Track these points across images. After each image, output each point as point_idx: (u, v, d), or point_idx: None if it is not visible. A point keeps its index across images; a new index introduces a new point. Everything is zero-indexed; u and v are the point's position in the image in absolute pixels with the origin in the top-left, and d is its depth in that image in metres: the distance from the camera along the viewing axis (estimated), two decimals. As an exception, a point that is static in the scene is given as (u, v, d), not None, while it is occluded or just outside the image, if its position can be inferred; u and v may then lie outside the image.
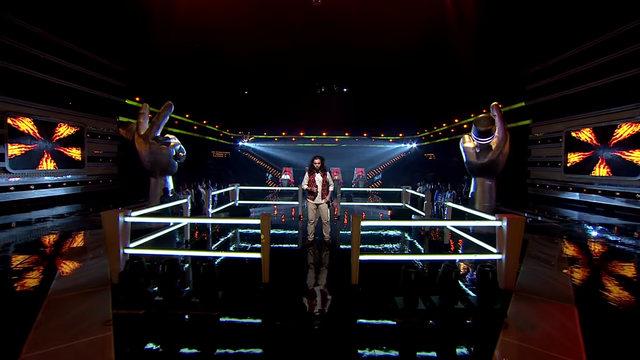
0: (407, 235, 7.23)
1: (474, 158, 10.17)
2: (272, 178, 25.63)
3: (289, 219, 9.28)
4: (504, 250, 4.00)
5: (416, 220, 7.33)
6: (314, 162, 6.08)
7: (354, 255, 4.12)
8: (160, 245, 5.84)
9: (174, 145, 11.06)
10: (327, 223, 6.21)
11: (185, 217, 6.21)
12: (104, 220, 3.93)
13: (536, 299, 3.77)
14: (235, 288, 4.08)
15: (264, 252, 4.14)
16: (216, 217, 6.73)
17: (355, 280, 4.14)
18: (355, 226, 4.12)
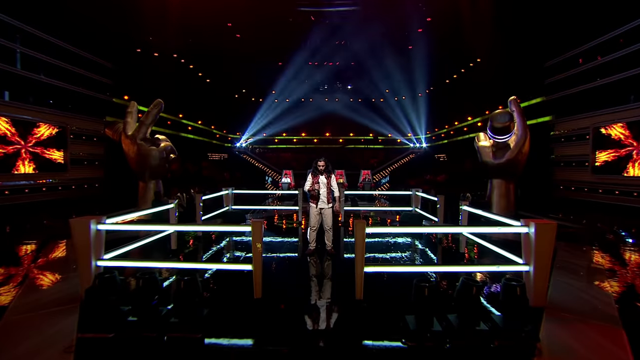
0: (417, 243, 6.93)
1: (490, 158, 9.87)
2: (271, 182, 25.37)
3: (288, 225, 9.03)
4: (532, 260, 3.69)
5: (428, 226, 7.01)
6: (318, 164, 5.87)
7: (359, 266, 3.83)
8: (143, 256, 5.60)
9: (165, 147, 10.95)
10: (330, 230, 5.97)
11: (168, 224, 5.95)
12: (73, 229, 3.68)
13: (572, 318, 3.45)
14: (223, 305, 3.80)
15: (256, 263, 3.87)
16: (202, 224, 6.45)
17: (360, 295, 3.85)
18: (359, 233, 3.83)
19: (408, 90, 25.80)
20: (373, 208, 12.10)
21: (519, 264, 3.91)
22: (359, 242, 3.83)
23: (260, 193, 16.88)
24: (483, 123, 20.43)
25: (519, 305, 3.13)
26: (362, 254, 3.83)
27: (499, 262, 4.10)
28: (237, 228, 4.19)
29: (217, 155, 27.00)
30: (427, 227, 5.61)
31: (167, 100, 9.34)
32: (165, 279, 4.46)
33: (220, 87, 25.31)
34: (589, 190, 12.21)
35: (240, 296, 4.00)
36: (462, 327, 3.10)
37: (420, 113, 27.52)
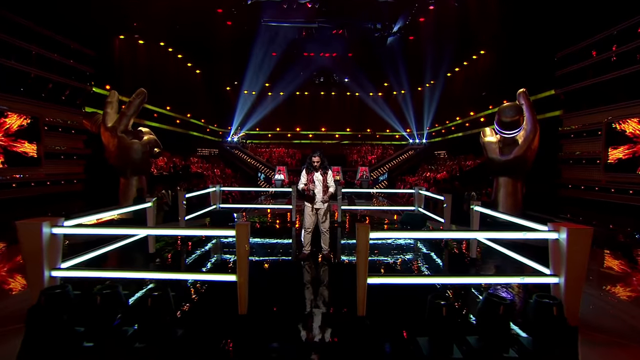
0: (421, 246, 6.51)
1: (497, 154, 9.51)
2: (264, 178, 24.82)
3: (281, 225, 8.55)
4: (563, 271, 3.25)
5: (441, 231, 6.48)
6: (313, 160, 5.40)
7: (361, 277, 3.37)
8: (115, 264, 5.10)
9: (148, 140, 10.39)
10: (327, 232, 5.52)
11: (142, 226, 5.40)
12: (20, 233, 3.17)
13: (611, 341, 3.02)
14: (202, 324, 3.33)
15: (241, 274, 3.39)
16: (179, 228, 5.91)
17: (363, 311, 3.39)
18: (362, 239, 3.37)
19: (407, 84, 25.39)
20: (373, 207, 11.67)
21: (545, 274, 3.48)
22: (361, 249, 3.37)
23: (251, 190, 16.40)
24: (486, 119, 20.08)
25: (555, 327, 2.69)
26: (365, 263, 3.37)
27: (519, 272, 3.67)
28: (218, 232, 3.70)
29: (207, 150, 26.46)
30: (440, 232, 5.14)
31: (154, 91, 8.87)
32: (133, 293, 3.95)
33: (211, 79, 24.80)
34: (599, 190, 11.89)
35: (222, 312, 3.53)
36: (486, 354, 2.66)
37: (420, 108, 27.18)
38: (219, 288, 4.08)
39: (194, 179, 17.74)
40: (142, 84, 9.62)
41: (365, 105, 29.31)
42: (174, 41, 19.16)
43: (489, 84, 18.91)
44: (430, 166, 24.07)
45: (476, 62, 20.06)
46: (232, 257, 5.56)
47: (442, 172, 21.07)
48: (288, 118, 30.12)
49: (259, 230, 8.17)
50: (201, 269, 4.94)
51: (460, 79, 22.33)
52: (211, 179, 20.86)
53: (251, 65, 24.24)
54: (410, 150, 27.54)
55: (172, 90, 20.24)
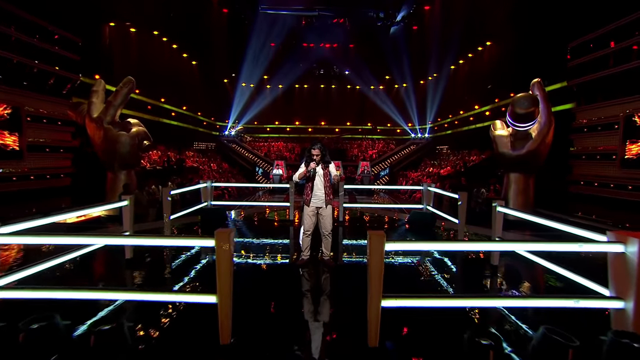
0: (434, 251, 5.82)
1: (508, 149, 8.92)
2: (262, 173, 24.11)
3: (278, 225, 7.85)
4: (631, 294, 2.54)
5: (476, 241, 5.40)
6: (312, 152, 4.70)
7: (373, 299, 2.66)
8: (75, 278, 4.37)
9: (137, 132, 9.70)
10: (329, 235, 4.80)
11: (94, 234, 4.48)
12: None
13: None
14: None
15: (222, 295, 2.67)
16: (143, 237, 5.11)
17: (375, 341, 2.69)
18: (375, 251, 2.65)
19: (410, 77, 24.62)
20: (377, 205, 10.96)
21: (603, 296, 2.77)
22: (374, 264, 2.65)
23: (245, 186, 15.70)
24: (492, 112, 19.33)
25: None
26: (379, 281, 2.65)
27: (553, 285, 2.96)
28: (192, 242, 2.94)
29: (203, 144, 25.74)
30: (474, 243, 4.30)
31: (148, 82, 8.17)
32: (84, 319, 3.17)
33: (208, 71, 24.09)
34: (615, 187, 11.20)
35: (199, 343, 2.81)
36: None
37: (422, 102, 26.51)
38: (198, 308, 3.35)
39: (189, 174, 16.99)
40: (135, 75, 8.98)
41: (366, 99, 28.63)
42: (168, 30, 18.28)
43: (495, 77, 18.18)
44: (432, 161, 23.39)
45: (482, 54, 19.28)
46: (238, 257, 4.83)
47: (445, 167, 20.38)
48: (287, 111, 29.35)
49: (253, 229, 7.52)
50: (182, 280, 4.21)
51: (465, 72, 21.57)
52: (207, 173, 20.16)
53: (249, 57, 23.50)
54: (412, 145, 26.86)
55: (166, 82, 19.43)
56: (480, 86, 20.21)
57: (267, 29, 20.22)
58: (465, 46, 19.25)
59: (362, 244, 6.22)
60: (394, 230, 7.76)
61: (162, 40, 18.56)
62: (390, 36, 19.67)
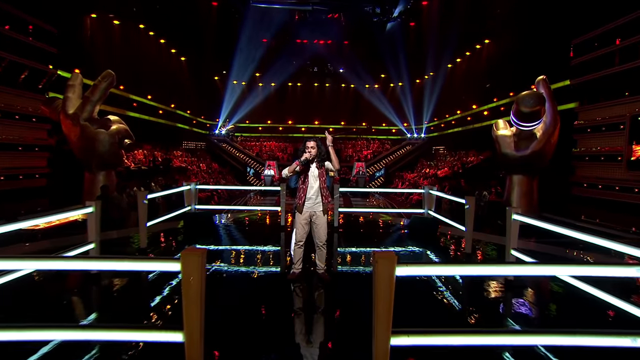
0: (432, 257, 5.39)
1: (512, 149, 8.67)
2: (254, 174, 23.60)
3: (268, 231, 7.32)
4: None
5: (508, 264, 4.03)
6: (308, 144, 4.13)
7: (380, 336, 2.14)
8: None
9: (118, 130, 9.16)
10: (324, 246, 4.25)
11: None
12: None
13: None
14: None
15: (190, 330, 2.13)
16: (83, 260, 4.41)
17: (382, 387, 2.17)
18: (383, 277, 2.13)
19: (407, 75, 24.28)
20: (374, 210, 10.48)
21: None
22: (382, 293, 2.13)
23: (234, 189, 15.13)
24: (490, 112, 19.06)
25: None
26: (388, 316, 2.13)
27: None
28: (147, 265, 2.31)
29: (193, 143, 25.18)
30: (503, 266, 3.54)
31: (133, 79, 7.62)
32: None
33: (198, 67, 23.56)
34: (620, 189, 10.89)
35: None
36: None
37: (418, 101, 26.27)
38: (163, 348, 2.76)
39: (176, 174, 16.37)
40: (119, 70, 8.49)
41: (360, 98, 28.33)
42: (155, 24, 17.61)
43: (494, 75, 17.91)
44: (429, 162, 23.11)
45: (480, 52, 18.99)
46: (223, 267, 4.34)
47: (443, 168, 20.04)
48: (279, 110, 28.93)
49: (240, 236, 7.02)
50: (149, 307, 3.61)
51: (463, 70, 21.30)
52: (196, 174, 19.56)
53: (240, 53, 22.92)
54: (407, 145, 26.61)
55: (153, 78, 18.81)
56: (478, 85, 19.95)
57: (258, 23, 19.66)
58: (463, 44, 18.96)
59: (358, 252, 5.82)
60: (391, 236, 7.33)
61: (148, 35, 17.89)
62: (386, 33, 19.26)
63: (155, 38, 18.53)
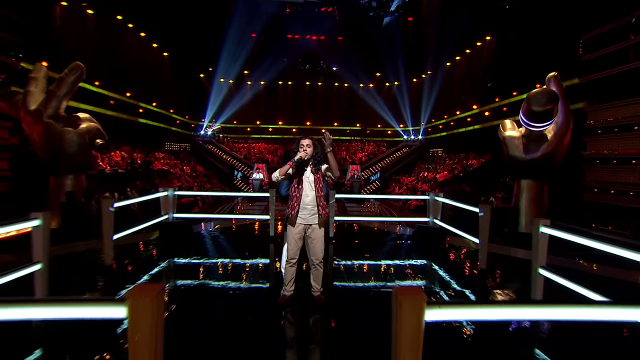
0: (442, 273, 4.91)
1: (521, 151, 8.23)
2: (242, 177, 23.00)
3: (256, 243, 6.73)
4: None
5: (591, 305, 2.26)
6: (302, 142, 3.63)
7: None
8: None
9: (88, 129, 8.58)
10: (320, 265, 3.72)
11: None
12: None
13: None
14: None
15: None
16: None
17: None
18: (408, 327, 1.60)
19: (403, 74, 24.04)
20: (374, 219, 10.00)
21: None
22: (405, 347, 1.60)
23: (218, 195, 14.49)
24: (492, 113, 18.82)
25: None
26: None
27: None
28: (78, 311, 1.80)
29: (176, 144, 24.52)
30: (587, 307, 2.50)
31: (110, 74, 6.97)
32: None
33: (181, 63, 22.97)
34: (634, 194, 10.59)
35: None
36: None
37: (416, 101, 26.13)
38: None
39: (157, 178, 15.67)
40: (93, 64, 7.85)
41: (355, 97, 28.13)
42: (134, 15, 16.93)
43: (496, 74, 17.68)
44: (427, 165, 22.79)
45: (481, 49, 18.77)
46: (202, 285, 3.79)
47: (442, 172, 19.69)
48: (269, 110, 28.60)
49: (224, 247, 6.49)
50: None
51: (463, 69, 21.11)
52: (179, 177, 18.88)
53: (227, 49, 22.44)
54: (404, 148, 26.32)
55: (133, 75, 18.12)
56: (479, 84, 19.77)
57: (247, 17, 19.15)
58: (463, 40, 18.72)
59: (356, 265, 5.42)
60: (392, 248, 6.87)
61: (126, 27, 17.20)
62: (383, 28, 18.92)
63: (135, 31, 17.86)
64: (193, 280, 4.59)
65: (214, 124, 27.65)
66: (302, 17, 18.66)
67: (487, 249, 5.39)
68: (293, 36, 21.98)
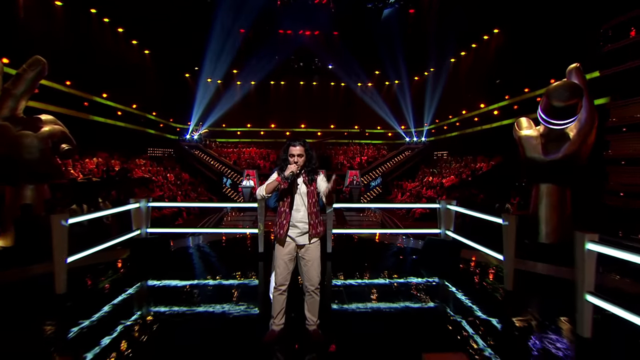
0: (460, 296, 4.42)
1: (539, 153, 7.88)
2: (231, 184, 22.54)
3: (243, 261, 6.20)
4: None
5: None
6: (292, 150, 3.28)
7: None
8: None
9: (51, 133, 8.15)
10: (316, 291, 3.31)
11: None
12: None
13: None
14: None
15: None
16: None
17: None
18: None
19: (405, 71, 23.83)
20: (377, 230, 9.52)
21: None
22: None
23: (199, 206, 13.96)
24: (501, 112, 18.52)
25: None
26: None
27: None
28: None
29: (159, 150, 24.06)
30: None
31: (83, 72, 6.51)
32: None
33: (165, 62, 22.64)
34: (665, 199, 10.19)
35: None
36: None
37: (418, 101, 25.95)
38: None
39: (136, 187, 15.10)
40: (63, 62, 7.37)
41: (352, 98, 27.93)
42: (110, 9, 16.50)
43: (506, 70, 17.44)
44: (432, 169, 22.44)
45: (488, 44, 18.56)
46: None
47: (448, 176, 19.27)
48: (260, 112, 28.35)
49: (206, 267, 6.01)
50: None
51: (469, 65, 20.89)
52: (161, 185, 18.31)
53: (214, 46, 22.18)
54: (406, 151, 26.05)
55: (110, 74, 17.64)
56: (486, 81, 19.50)
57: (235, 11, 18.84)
58: (469, 34, 18.49)
59: (358, 285, 5.01)
60: (398, 263, 6.49)
61: (102, 22, 16.75)
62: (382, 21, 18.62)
63: (111, 26, 17.42)
64: (166, 306, 4.14)
65: (200, 128, 27.29)
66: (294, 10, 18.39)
67: (512, 266, 4.89)
68: (285, 31, 21.75)
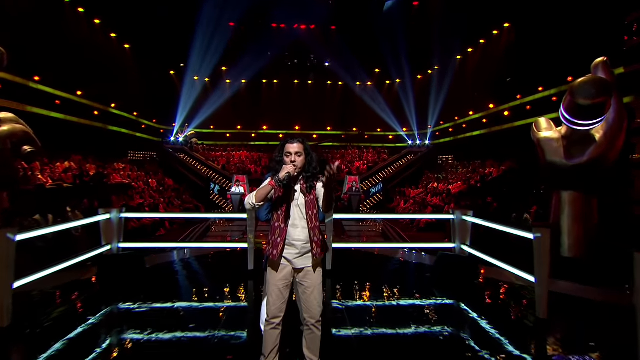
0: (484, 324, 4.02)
1: (561, 156, 7.59)
2: (219, 191, 22.16)
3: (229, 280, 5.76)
4: None
5: None
6: (289, 148, 2.96)
7: None
8: None
9: (10, 132, 7.81)
10: (316, 325, 2.90)
11: None
12: None
13: None
14: None
15: None
16: None
17: None
18: None
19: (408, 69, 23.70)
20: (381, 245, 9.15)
21: None
22: None
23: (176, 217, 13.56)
24: (512, 112, 18.32)
25: None
26: None
27: None
28: None
29: (141, 154, 23.70)
30: None
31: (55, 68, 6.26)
32: None
33: (147, 58, 22.34)
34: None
35: None
36: None
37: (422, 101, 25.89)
38: None
39: (113, 194, 14.60)
40: (32, 56, 6.97)
41: (351, 97, 27.86)
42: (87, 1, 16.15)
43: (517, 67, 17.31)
44: (436, 174, 22.16)
45: (498, 39, 18.44)
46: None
47: (455, 182, 18.96)
48: (252, 113, 28.19)
49: (186, 286, 5.68)
50: None
51: (476, 62, 20.79)
52: (142, 192, 17.83)
53: (201, 41, 21.91)
54: (409, 155, 25.82)
55: (85, 70, 17.23)
56: (495, 80, 19.34)
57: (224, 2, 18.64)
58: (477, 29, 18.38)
59: (363, 307, 4.83)
60: (406, 281, 6.26)
61: (77, 12, 16.36)
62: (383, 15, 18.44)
63: (87, 16, 17.04)
64: (136, 334, 3.79)
65: (186, 129, 26.95)
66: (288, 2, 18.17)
67: (546, 289, 4.46)
68: (278, 25, 21.57)
